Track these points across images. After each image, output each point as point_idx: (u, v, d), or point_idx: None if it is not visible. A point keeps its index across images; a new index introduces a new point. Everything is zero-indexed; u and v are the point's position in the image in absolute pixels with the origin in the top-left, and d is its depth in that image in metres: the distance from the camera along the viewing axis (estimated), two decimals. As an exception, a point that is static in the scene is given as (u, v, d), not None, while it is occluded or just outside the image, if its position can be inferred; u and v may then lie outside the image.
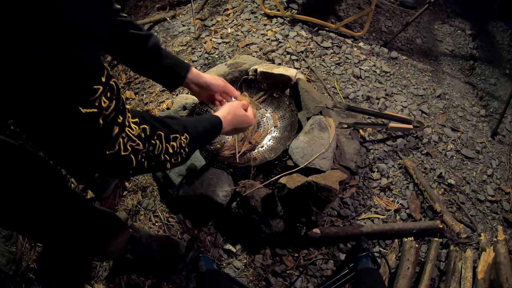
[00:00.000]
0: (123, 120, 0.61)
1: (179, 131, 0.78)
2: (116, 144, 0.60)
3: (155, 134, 0.71)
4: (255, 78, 1.64)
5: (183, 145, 0.79)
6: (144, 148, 0.67)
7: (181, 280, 1.36)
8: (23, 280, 1.35)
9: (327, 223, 1.48)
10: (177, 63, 1.05)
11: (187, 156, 0.83)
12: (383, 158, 1.67)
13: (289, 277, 1.37)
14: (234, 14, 2.24)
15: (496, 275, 1.35)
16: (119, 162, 0.63)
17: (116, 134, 0.60)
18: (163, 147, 0.72)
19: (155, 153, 0.71)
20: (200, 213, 1.48)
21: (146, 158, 0.69)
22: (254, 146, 1.53)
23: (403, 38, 2.21)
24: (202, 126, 0.90)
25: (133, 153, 0.65)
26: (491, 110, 1.97)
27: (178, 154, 0.78)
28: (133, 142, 0.64)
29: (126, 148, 0.63)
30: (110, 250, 1.13)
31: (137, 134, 0.65)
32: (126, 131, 0.62)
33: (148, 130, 0.69)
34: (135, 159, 0.65)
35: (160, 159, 0.73)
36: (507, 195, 1.64)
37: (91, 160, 0.61)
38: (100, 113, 0.55)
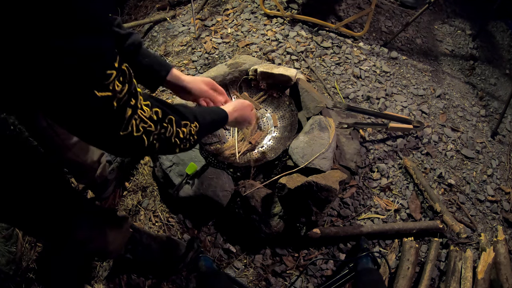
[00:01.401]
0: (135, 103, 0.64)
1: (190, 119, 0.82)
2: (129, 126, 0.63)
3: (167, 118, 0.74)
4: (255, 78, 1.64)
5: (193, 133, 0.83)
6: (155, 130, 0.70)
7: (181, 280, 1.36)
8: (23, 280, 1.35)
9: (327, 223, 1.48)
10: (156, 63, 1.04)
11: (195, 143, 0.87)
12: (383, 158, 1.67)
13: (289, 277, 1.37)
14: (234, 14, 2.24)
15: (496, 275, 1.35)
16: (132, 143, 0.67)
17: (129, 116, 0.63)
18: (174, 130, 0.76)
19: (166, 136, 0.74)
20: (200, 213, 1.48)
21: (157, 140, 0.72)
22: (254, 146, 1.53)
23: (403, 38, 2.21)
24: (210, 117, 0.95)
25: (145, 134, 0.68)
26: (491, 110, 1.97)
27: (187, 141, 0.82)
28: (145, 123, 0.67)
29: (139, 129, 0.66)
30: (110, 249, 1.13)
31: (148, 116, 0.68)
32: (138, 113, 0.65)
33: (160, 113, 0.72)
34: (147, 140, 0.69)
35: (171, 142, 0.76)
36: (507, 195, 1.64)
37: (106, 141, 0.65)
38: (114, 97, 0.58)
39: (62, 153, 1.25)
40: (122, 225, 1.17)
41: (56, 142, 1.21)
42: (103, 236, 1.07)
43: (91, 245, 1.05)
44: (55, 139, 1.20)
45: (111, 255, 1.24)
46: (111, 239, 1.10)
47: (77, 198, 0.99)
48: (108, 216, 1.12)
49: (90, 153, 1.34)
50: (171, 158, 1.44)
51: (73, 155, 1.28)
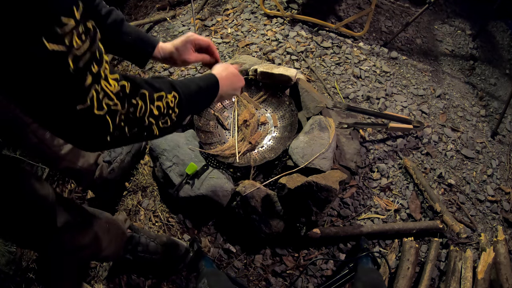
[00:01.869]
0: (99, 70, 0.53)
1: (164, 89, 0.69)
2: (88, 98, 0.52)
3: (138, 93, 0.62)
4: (255, 78, 1.64)
5: (171, 105, 0.69)
6: (123, 109, 0.58)
7: (181, 280, 1.36)
8: (23, 280, 1.35)
9: (327, 223, 1.48)
10: (140, 39, 0.95)
11: (179, 120, 0.74)
12: (383, 158, 1.67)
13: (289, 277, 1.37)
14: (234, 14, 2.24)
15: (496, 275, 1.35)
16: (93, 123, 0.54)
17: (89, 84, 0.51)
18: (146, 108, 0.63)
19: (136, 116, 0.61)
20: (200, 213, 1.48)
21: (126, 122, 0.59)
22: (254, 146, 1.53)
23: (403, 38, 2.21)
24: (194, 84, 0.80)
25: (110, 114, 0.56)
26: (491, 110, 1.97)
27: (166, 116, 0.69)
28: (110, 99, 0.55)
29: (101, 105, 0.54)
30: (106, 254, 1.12)
31: (115, 91, 0.56)
32: (102, 84, 0.54)
33: (128, 88, 0.60)
34: (112, 121, 0.56)
35: (144, 123, 0.64)
36: (507, 195, 1.63)
37: (58, 117, 0.52)
38: (69, 53, 0.47)
39: (57, 164, 1.26)
40: (116, 228, 1.16)
41: (50, 155, 1.21)
42: (97, 242, 1.05)
43: (84, 252, 1.04)
44: (47, 152, 1.20)
45: (109, 258, 1.24)
46: (105, 245, 1.09)
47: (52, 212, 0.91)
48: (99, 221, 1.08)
49: (86, 158, 1.34)
50: (171, 158, 1.44)
51: (68, 163, 1.28)
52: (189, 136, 1.51)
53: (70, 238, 0.94)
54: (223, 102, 1.65)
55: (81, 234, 0.99)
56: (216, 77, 0.90)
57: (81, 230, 0.99)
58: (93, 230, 1.03)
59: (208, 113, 1.60)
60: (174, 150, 1.46)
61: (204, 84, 0.84)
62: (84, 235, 1.00)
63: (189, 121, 1.57)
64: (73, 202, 1.00)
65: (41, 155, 1.21)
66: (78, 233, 0.97)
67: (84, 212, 1.02)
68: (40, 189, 0.85)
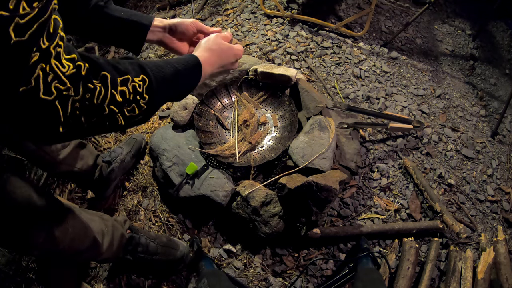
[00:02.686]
0: (49, 47, 0.44)
1: (130, 71, 0.59)
2: (33, 78, 0.44)
3: (97, 76, 0.53)
4: (255, 78, 1.64)
5: (139, 90, 0.59)
6: (76, 95, 0.49)
7: (181, 280, 1.36)
8: (23, 280, 1.35)
9: (327, 223, 1.48)
10: (134, 14, 0.85)
11: (150, 108, 0.63)
12: (383, 158, 1.67)
13: (289, 277, 1.37)
14: (234, 14, 2.24)
15: (496, 275, 1.35)
16: (39, 110, 0.46)
17: (34, 62, 0.43)
18: (107, 93, 0.54)
19: (94, 103, 0.52)
20: (200, 213, 1.48)
21: (82, 110, 0.51)
22: (254, 146, 1.53)
23: (403, 38, 2.21)
24: (170, 66, 0.69)
25: (60, 100, 0.47)
26: (491, 110, 1.97)
27: (133, 103, 0.59)
28: (61, 83, 0.47)
29: (50, 89, 0.46)
30: (105, 257, 1.12)
31: (69, 74, 0.48)
32: (52, 64, 0.45)
33: (84, 69, 0.50)
34: (62, 109, 0.48)
35: (104, 111, 0.54)
36: (507, 195, 1.63)
37: (0, 100, 0.44)
38: (11, 19, 0.38)
39: (56, 168, 1.26)
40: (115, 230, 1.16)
41: (48, 160, 1.21)
42: (95, 247, 1.05)
43: (83, 256, 1.04)
44: (46, 158, 1.21)
45: (108, 260, 1.24)
46: (104, 248, 1.08)
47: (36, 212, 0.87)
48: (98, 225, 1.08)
49: (84, 160, 1.34)
50: (171, 158, 1.44)
51: (67, 166, 1.28)
52: (189, 136, 1.51)
53: (68, 244, 0.94)
54: (223, 101, 1.65)
55: (79, 240, 0.98)
56: (198, 59, 0.78)
57: (79, 235, 0.98)
58: (92, 235, 1.03)
59: (208, 113, 1.60)
60: (174, 150, 1.46)
61: (182, 67, 0.72)
62: (82, 240, 0.99)
63: (189, 121, 1.57)
64: (70, 208, 0.99)
65: (39, 161, 1.21)
66: (77, 238, 0.97)
67: (81, 217, 1.01)
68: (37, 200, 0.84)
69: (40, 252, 0.90)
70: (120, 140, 1.73)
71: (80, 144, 1.34)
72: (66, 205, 0.98)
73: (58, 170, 1.27)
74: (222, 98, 1.65)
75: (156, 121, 1.77)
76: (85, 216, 1.04)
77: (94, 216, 1.10)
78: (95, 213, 1.13)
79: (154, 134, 1.53)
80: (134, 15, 0.85)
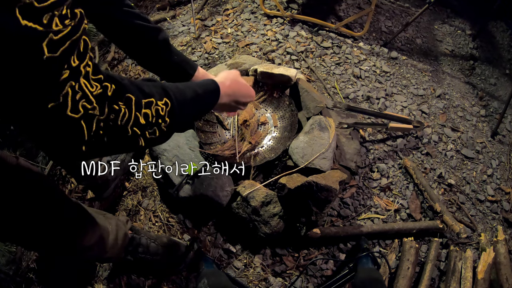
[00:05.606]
0: (79, 66, 0.46)
1: (154, 94, 0.60)
2: (61, 95, 0.44)
3: (122, 97, 0.54)
4: (255, 78, 1.64)
5: (162, 114, 0.60)
6: (101, 115, 0.50)
7: (181, 280, 1.36)
8: (23, 280, 1.35)
9: (327, 223, 1.48)
10: (185, 60, 0.98)
11: (169, 131, 0.64)
12: (383, 158, 1.67)
13: (289, 277, 1.37)
14: (234, 14, 2.24)
15: (496, 275, 1.35)
16: (65, 127, 0.47)
17: (65, 79, 0.44)
18: (131, 115, 0.54)
19: (117, 124, 0.53)
20: (200, 213, 1.48)
21: (105, 130, 0.51)
22: (254, 146, 1.53)
23: (403, 38, 2.21)
24: (191, 90, 0.70)
25: (86, 119, 0.48)
26: (491, 110, 1.97)
27: (154, 126, 0.60)
28: (88, 102, 0.47)
29: (77, 107, 0.46)
30: (109, 256, 1.12)
31: (96, 94, 0.49)
32: (81, 83, 0.46)
33: (111, 90, 0.51)
34: (87, 128, 0.49)
35: (127, 133, 0.55)
36: (507, 195, 1.63)
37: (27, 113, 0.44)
38: (45, 34, 0.40)
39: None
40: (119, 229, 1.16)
41: None
42: (102, 244, 1.05)
43: (89, 253, 1.04)
44: None
45: (111, 259, 1.24)
46: (109, 246, 1.09)
47: (77, 209, 0.94)
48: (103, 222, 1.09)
49: None
50: (171, 158, 1.44)
51: None
52: (189, 136, 1.51)
53: (78, 239, 0.95)
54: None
55: (88, 235, 0.99)
56: (217, 85, 0.80)
57: (88, 231, 0.99)
58: (99, 231, 1.03)
59: (208, 113, 1.60)
60: (174, 150, 1.46)
61: (203, 91, 0.74)
62: (90, 236, 1.00)
63: (189, 121, 1.57)
64: (79, 204, 1.00)
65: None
66: (85, 234, 0.98)
67: (90, 214, 1.02)
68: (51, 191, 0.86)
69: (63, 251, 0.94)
70: (120, 140, 1.73)
71: None
72: (74, 200, 0.99)
73: None
74: (222, 98, 1.65)
75: (156, 121, 1.77)
76: (92, 213, 1.05)
77: (99, 214, 1.11)
78: (99, 212, 1.14)
79: (154, 134, 1.53)
80: (184, 62, 0.98)
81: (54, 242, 0.90)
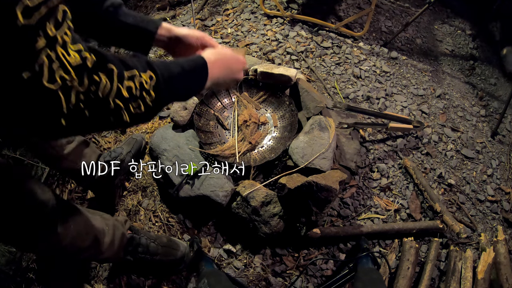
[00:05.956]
0: (56, 35, 0.45)
1: (138, 67, 0.58)
2: (37, 64, 0.43)
3: (104, 68, 0.52)
4: (255, 78, 1.64)
5: (146, 87, 0.59)
6: (81, 86, 0.48)
7: (181, 280, 1.36)
8: (23, 280, 1.35)
9: (327, 223, 1.48)
10: (142, 20, 0.86)
11: (156, 106, 0.62)
12: (383, 158, 1.67)
13: (289, 277, 1.37)
14: (234, 14, 2.24)
15: (496, 275, 1.35)
16: (42, 99, 0.46)
17: (41, 48, 0.43)
18: (112, 87, 0.53)
19: (99, 96, 0.51)
20: (200, 213, 1.48)
21: (86, 103, 0.50)
22: (254, 146, 1.53)
23: (403, 38, 2.21)
24: (177, 66, 0.69)
25: (64, 90, 0.47)
26: (491, 110, 1.97)
27: (139, 100, 0.58)
28: (66, 73, 0.46)
29: (54, 78, 0.45)
30: (106, 256, 1.12)
31: (75, 64, 0.47)
32: (58, 52, 0.45)
33: (91, 61, 0.50)
34: (65, 99, 0.47)
35: (109, 105, 0.53)
36: (507, 195, 1.63)
37: (2, 85, 0.44)
38: (18, 0, 0.39)
39: (59, 163, 1.26)
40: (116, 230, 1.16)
41: (51, 154, 1.21)
42: (97, 245, 1.05)
43: (85, 254, 1.04)
44: (50, 151, 1.20)
45: (109, 260, 1.24)
46: (105, 247, 1.08)
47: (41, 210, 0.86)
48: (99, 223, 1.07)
49: (87, 157, 1.34)
50: (171, 158, 1.44)
51: (70, 163, 1.28)
52: (189, 136, 1.51)
53: (70, 241, 0.94)
54: (223, 101, 1.65)
55: (81, 238, 0.98)
56: (204, 60, 0.77)
57: (81, 233, 0.98)
58: (93, 233, 1.03)
59: (208, 113, 1.60)
60: (174, 150, 1.46)
61: (189, 67, 0.72)
62: (84, 238, 0.99)
63: (189, 121, 1.57)
64: (73, 206, 0.99)
65: (43, 154, 1.21)
66: (78, 236, 0.97)
67: (84, 215, 1.02)
68: (40, 194, 0.84)
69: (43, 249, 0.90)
70: (120, 140, 1.73)
71: (84, 142, 1.35)
72: (68, 201, 0.98)
73: (61, 166, 1.27)
74: (222, 98, 1.65)
75: (156, 121, 1.77)
76: (87, 214, 1.04)
77: (95, 215, 1.10)
78: (96, 212, 1.13)
79: (154, 134, 1.53)
80: (142, 22, 0.85)
81: (19, 236, 0.86)
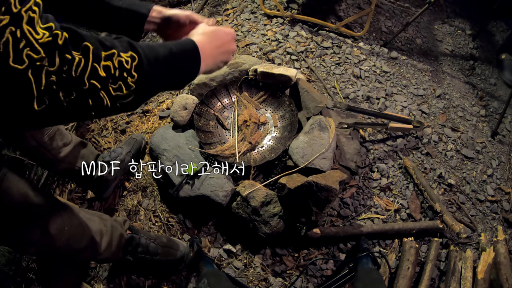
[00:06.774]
0: (20, 11, 0.41)
1: (117, 47, 0.54)
2: (1, 43, 0.40)
3: (78, 46, 0.48)
4: (255, 78, 1.64)
5: (127, 67, 0.54)
6: (52, 66, 0.45)
7: (181, 280, 1.36)
8: (23, 280, 1.35)
9: (327, 223, 1.48)
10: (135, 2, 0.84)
11: (140, 88, 0.57)
12: (383, 158, 1.67)
13: (289, 277, 1.37)
14: (234, 14, 2.24)
15: (496, 275, 1.35)
16: (9, 81, 0.42)
17: (3, 25, 0.40)
18: (87, 66, 0.48)
19: (72, 76, 0.47)
20: (200, 213, 1.48)
21: (58, 85, 0.46)
22: (254, 146, 1.53)
23: (403, 38, 2.21)
24: (165, 49, 0.64)
25: (33, 71, 0.43)
26: (491, 110, 1.97)
27: (119, 80, 0.53)
28: (34, 52, 0.43)
29: (21, 57, 0.42)
30: (104, 256, 1.12)
31: (43, 42, 0.44)
32: (23, 29, 0.42)
33: (61, 38, 0.46)
34: (35, 80, 0.43)
35: (84, 85, 0.49)
36: (507, 195, 1.63)
37: None
38: None
39: (56, 166, 1.26)
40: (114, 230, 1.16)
41: (49, 157, 1.21)
42: (94, 245, 1.05)
43: (82, 254, 1.04)
44: (47, 155, 1.20)
45: (108, 260, 1.23)
46: (102, 247, 1.08)
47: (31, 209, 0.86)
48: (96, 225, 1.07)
49: (85, 159, 1.34)
50: (171, 158, 1.44)
51: (67, 165, 1.29)
52: (189, 136, 1.51)
53: (65, 243, 0.93)
54: (223, 101, 1.65)
55: (76, 239, 0.98)
56: (193, 41, 0.72)
57: (76, 235, 0.98)
58: (89, 234, 1.03)
59: (208, 113, 1.60)
60: (174, 150, 1.46)
61: (177, 48, 0.67)
62: (79, 240, 0.99)
63: (189, 121, 1.57)
64: (68, 207, 0.98)
65: (40, 158, 1.21)
66: (73, 238, 0.97)
67: (79, 217, 1.01)
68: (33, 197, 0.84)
69: (36, 250, 0.89)
70: (120, 140, 1.73)
71: (81, 143, 1.35)
72: (64, 204, 0.97)
73: (59, 169, 1.27)
74: (222, 98, 1.65)
75: (156, 121, 1.77)
76: (84, 216, 1.04)
77: (93, 216, 1.10)
78: (95, 213, 1.13)
79: (154, 134, 1.53)
80: (133, 4, 0.82)
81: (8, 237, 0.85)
